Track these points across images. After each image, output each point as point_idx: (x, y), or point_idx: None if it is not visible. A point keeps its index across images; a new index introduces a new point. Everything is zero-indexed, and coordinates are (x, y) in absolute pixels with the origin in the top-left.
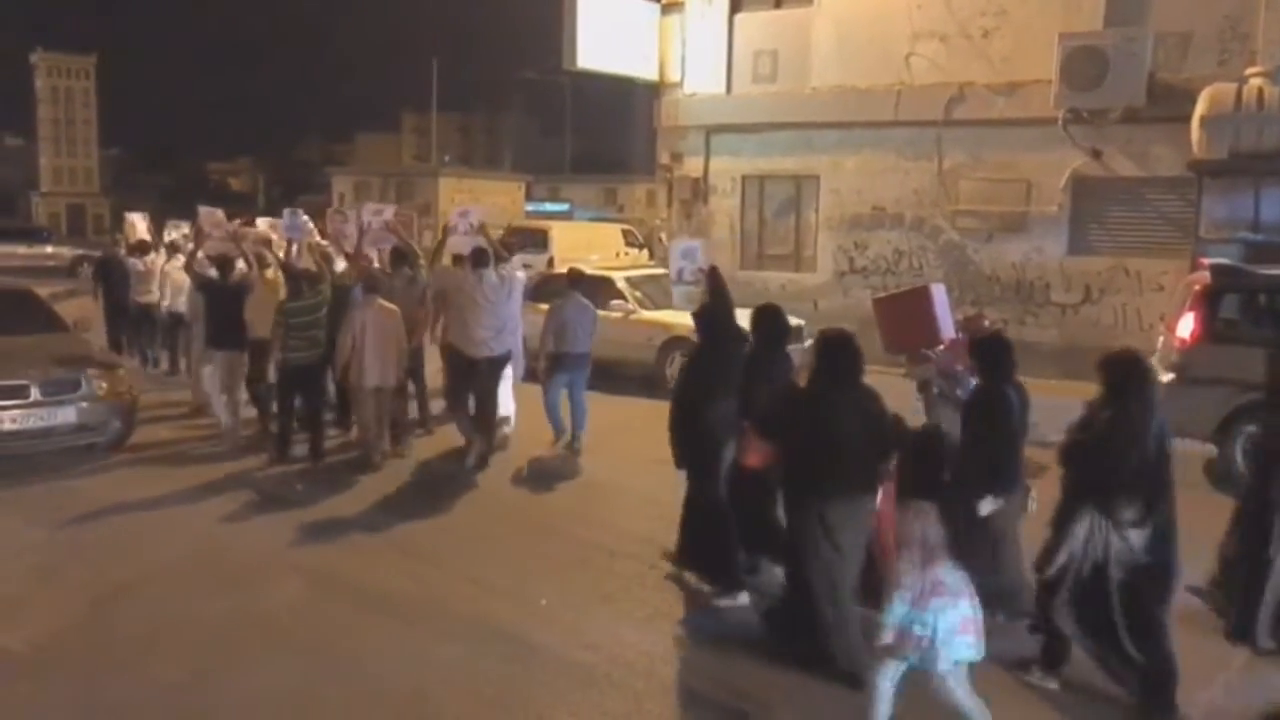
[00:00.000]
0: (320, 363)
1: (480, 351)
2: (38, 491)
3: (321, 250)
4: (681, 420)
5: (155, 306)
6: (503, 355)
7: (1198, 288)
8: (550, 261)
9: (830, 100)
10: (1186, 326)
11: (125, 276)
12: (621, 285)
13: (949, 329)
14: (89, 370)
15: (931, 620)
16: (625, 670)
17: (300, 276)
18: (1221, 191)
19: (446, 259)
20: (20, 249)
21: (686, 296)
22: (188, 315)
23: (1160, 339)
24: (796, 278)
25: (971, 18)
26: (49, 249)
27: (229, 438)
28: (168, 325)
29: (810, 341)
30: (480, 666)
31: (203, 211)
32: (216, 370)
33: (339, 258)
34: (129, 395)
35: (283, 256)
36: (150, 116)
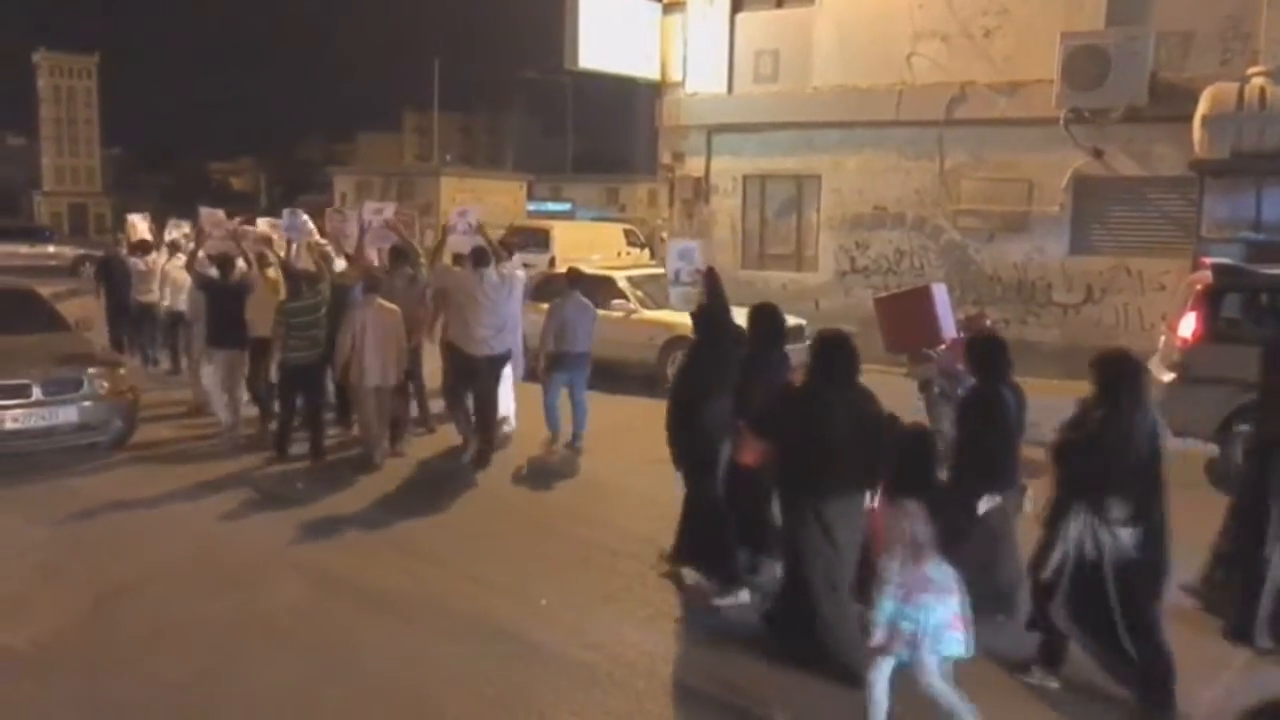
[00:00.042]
0: (320, 362)
1: (481, 350)
2: (39, 490)
3: (321, 250)
4: (679, 420)
5: (156, 306)
6: (503, 354)
7: (1199, 287)
8: (552, 261)
9: (832, 100)
10: (1188, 326)
11: (127, 276)
12: (623, 285)
13: (950, 329)
14: (91, 369)
15: (919, 616)
16: (627, 670)
17: (300, 276)
18: (1223, 191)
19: (447, 258)
20: (22, 248)
21: (683, 297)
22: (188, 314)
23: (1162, 339)
24: (798, 277)
25: (973, 17)
26: (51, 248)
27: (229, 436)
28: (167, 324)
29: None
30: (481, 666)
31: (204, 212)
32: (217, 369)
33: (339, 257)
34: (131, 394)
35: (283, 254)
36: (152, 116)
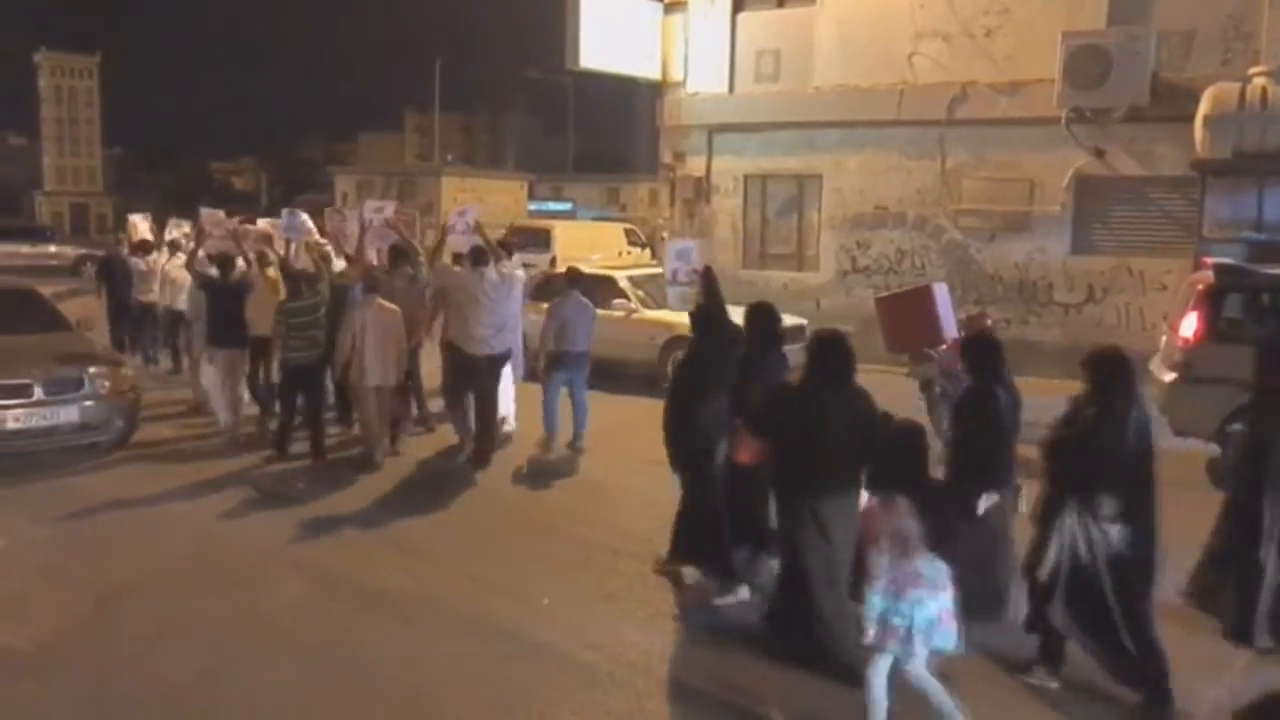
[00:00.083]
0: (320, 362)
1: (481, 350)
2: (40, 489)
3: (320, 250)
4: (675, 419)
5: (157, 305)
6: (503, 353)
7: (1201, 287)
8: (553, 261)
9: (833, 99)
10: (1190, 326)
11: (128, 276)
12: (624, 284)
13: (951, 328)
14: (92, 369)
15: (911, 612)
16: (627, 669)
17: (299, 277)
18: (1225, 191)
19: (446, 258)
20: (24, 248)
21: (681, 297)
22: (189, 314)
23: (1163, 338)
24: (799, 277)
25: (974, 17)
26: (52, 248)
27: (229, 435)
28: (167, 324)
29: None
30: (481, 665)
31: (205, 212)
32: (217, 369)
33: (338, 258)
34: (132, 394)
35: (282, 254)
36: (153, 116)
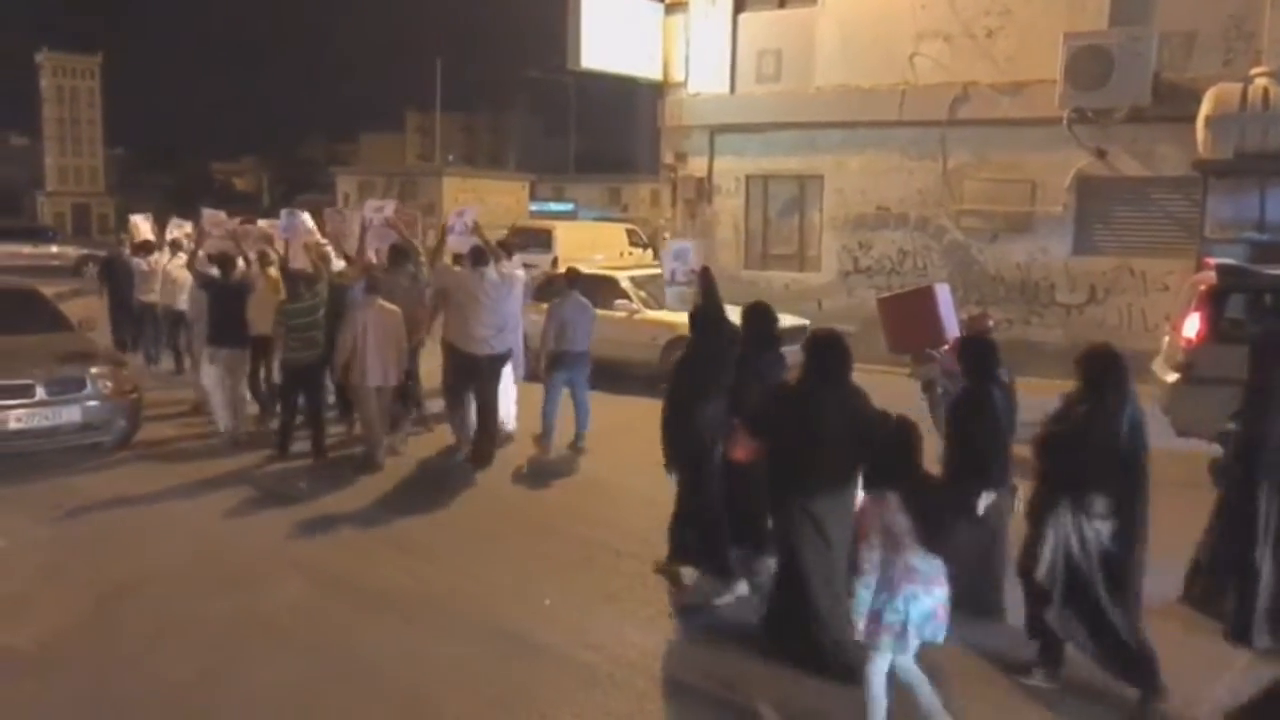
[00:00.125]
0: (320, 362)
1: (481, 349)
2: (42, 489)
3: (319, 250)
4: (674, 419)
5: (158, 305)
6: (503, 353)
7: (1203, 288)
8: (554, 261)
9: (834, 100)
10: (1192, 326)
11: (130, 276)
12: (625, 285)
13: (953, 329)
14: (94, 369)
15: (904, 608)
16: (628, 670)
17: (297, 278)
18: (1227, 191)
19: (447, 258)
20: (25, 248)
21: (679, 297)
22: (189, 314)
23: (1165, 339)
24: (801, 277)
25: (976, 17)
26: (54, 248)
27: (229, 435)
28: (167, 324)
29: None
30: (482, 665)
31: (206, 213)
32: (218, 368)
33: (338, 257)
34: (134, 394)
35: (282, 253)
36: (155, 116)
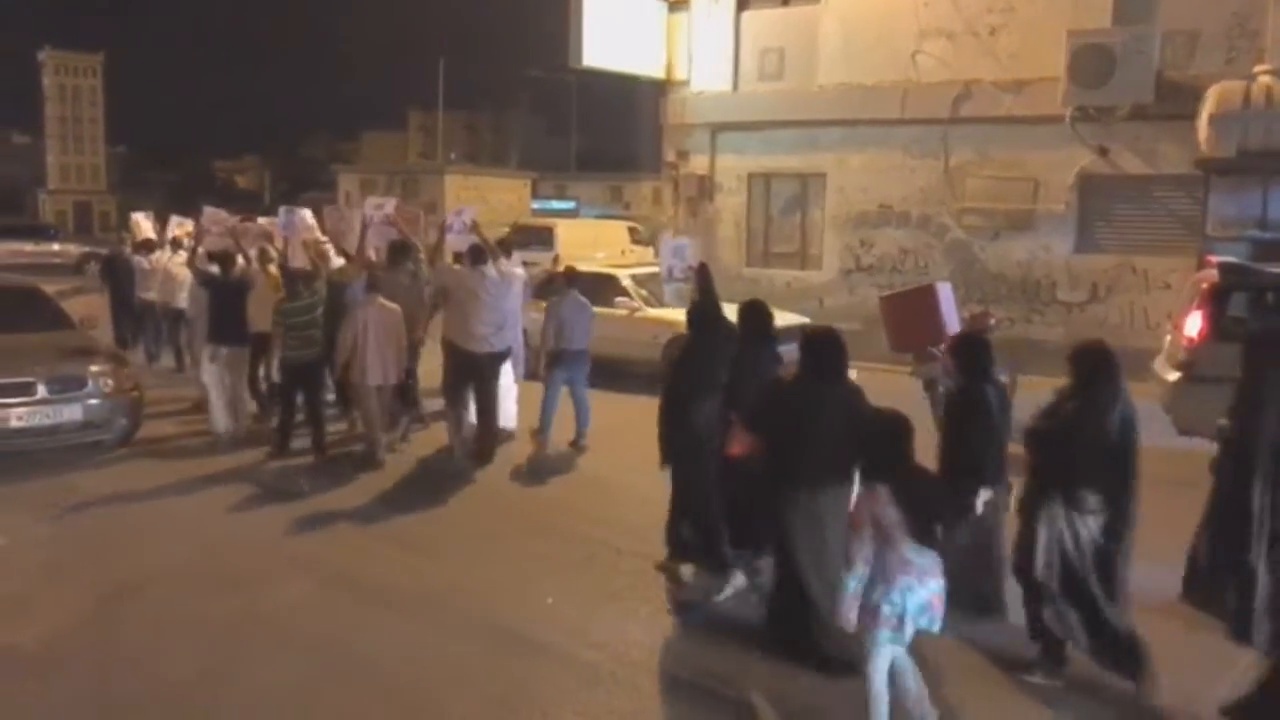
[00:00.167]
0: (319, 359)
1: (481, 347)
2: (43, 488)
3: (318, 248)
4: (671, 416)
5: (157, 303)
6: (503, 351)
7: (1205, 286)
8: (556, 259)
9: (836, 98)
10: (1194, 325)
11: (131, 274)
12: (626, 283)
13: (955, 327)
14: (95, 367)
15: (900, 600)
16: (630, 668)
17: (296, 276)
18: (1229, 189)
19: (447, 256)
20: (27, 246)
21: (677, 294)
22: (189, 312)
23: (1167, 337)
24: (802, 275)
25: (979, 15)
26: (56, 246)
27: (229, 433)
28: (167, 322)
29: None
30: (484, 663)
31: (207, 212)
32: (219, 366)
33: (338, 255)
34: (135, 392)
35: (282, 250)
36: (157, 114)
